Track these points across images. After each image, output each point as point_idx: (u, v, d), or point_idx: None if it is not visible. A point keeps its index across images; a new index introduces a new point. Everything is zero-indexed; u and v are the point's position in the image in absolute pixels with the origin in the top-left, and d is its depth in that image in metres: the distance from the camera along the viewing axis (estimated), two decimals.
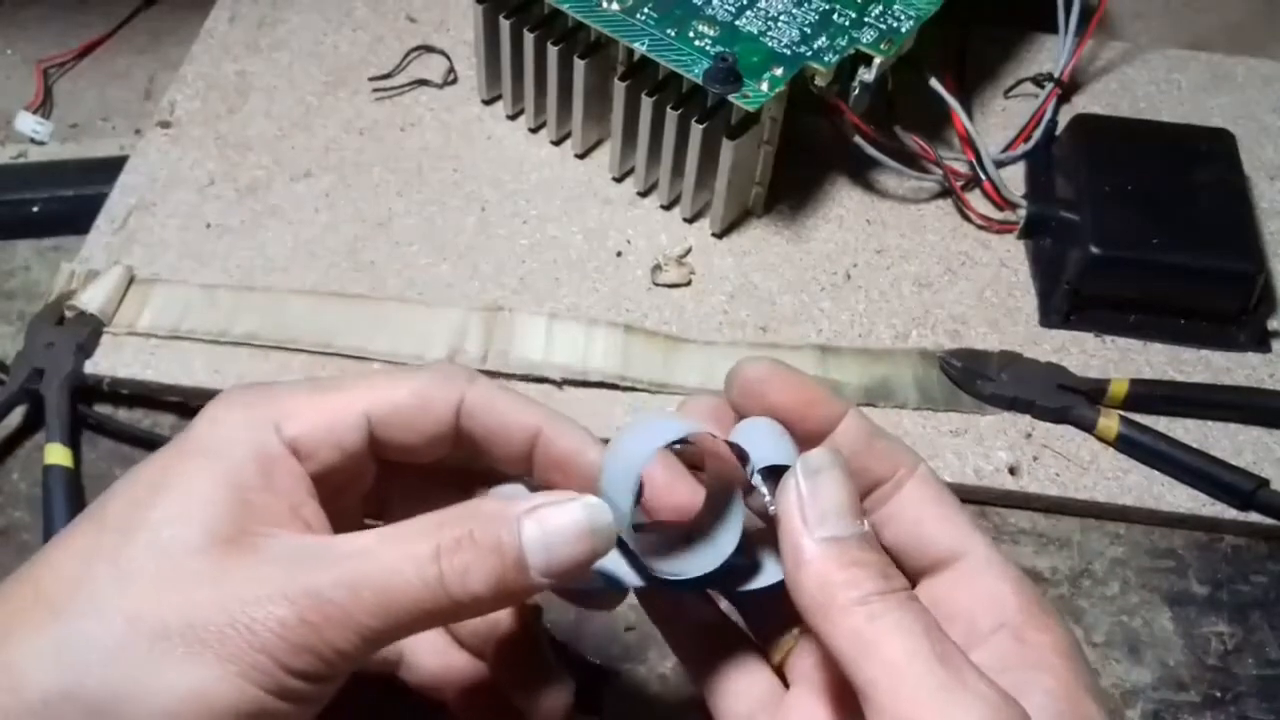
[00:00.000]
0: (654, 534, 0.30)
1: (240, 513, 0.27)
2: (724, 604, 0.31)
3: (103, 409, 0.47)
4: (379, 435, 0.29)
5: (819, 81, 0.48)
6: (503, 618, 0.32)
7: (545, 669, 0.32)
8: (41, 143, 0.57)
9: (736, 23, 0.49)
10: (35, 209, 0.54)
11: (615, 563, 0.29)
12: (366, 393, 0.29)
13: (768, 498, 0.27)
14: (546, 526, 0.26)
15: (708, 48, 0.48)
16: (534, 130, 0.56)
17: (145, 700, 0.25)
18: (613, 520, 0.27)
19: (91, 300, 0.48)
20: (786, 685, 0.30)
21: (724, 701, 0.30)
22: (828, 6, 0.50)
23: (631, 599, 0.30)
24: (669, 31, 0.49)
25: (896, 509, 0.29)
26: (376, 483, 0.31)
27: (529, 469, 0.31)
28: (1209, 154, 0.52)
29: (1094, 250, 0.48)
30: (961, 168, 0.54)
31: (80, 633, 0.25)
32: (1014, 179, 0.54)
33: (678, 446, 0.29)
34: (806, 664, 0.29)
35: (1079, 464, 0.46)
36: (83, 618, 0.25)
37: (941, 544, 0.29)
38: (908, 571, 0.28)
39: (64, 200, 0.54)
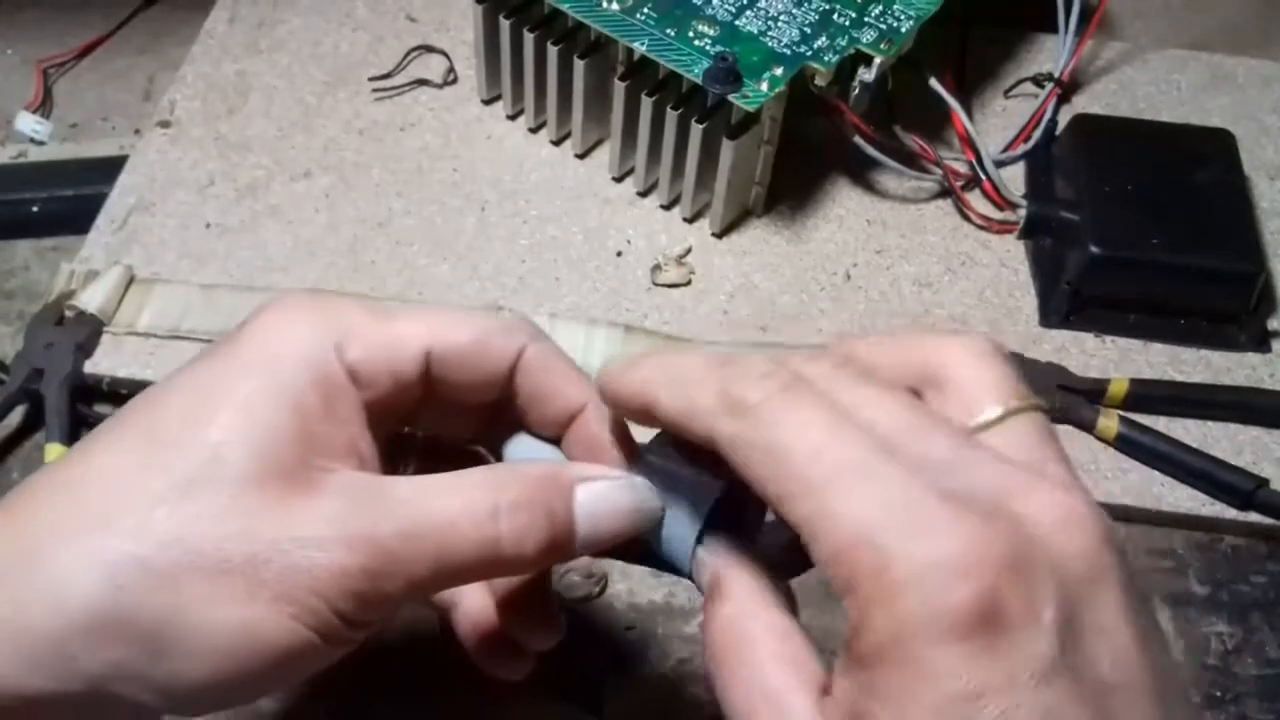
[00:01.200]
0: None
1: (303, 443, 0.26)
2: None
3: (103, 409, 0.47)
4: (434, 370, 0.28)
5: (819, 81, 0.48)
6: None
7: (548, 613, 0.32)
8: (41, 143, 0.57)
9: (736, 23, 0.49)
10: (35, 209, 0.54)
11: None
12: (429, 327, 0.28)
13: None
14: (597, 499, 0.27)
15: (708, 48, 0.48)
16: (534, 130, 0.56)
17: (197, 633, 0.24)
18: (657, 505, 0.27)
19: (91, 300, 0.48)
20: None
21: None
22: (828, 6, 0.50)
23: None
24: (669, 31, 0.49)
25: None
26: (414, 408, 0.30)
27: (557, 436, 0.30)
28: (1209, 154, 0.52)
29: (1094, 250, 0.48)
30: (961, 168, 0.54)
31: (135, 555, 0.24)
32: (1014, 179, 0.54)
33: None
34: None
35: (1079, 464, 0.45)
36: (138, 538, 0.24)
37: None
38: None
39: (64, 200, 0.54)
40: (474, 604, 0.32)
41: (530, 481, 0.27)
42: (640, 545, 0.28)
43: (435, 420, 0.31)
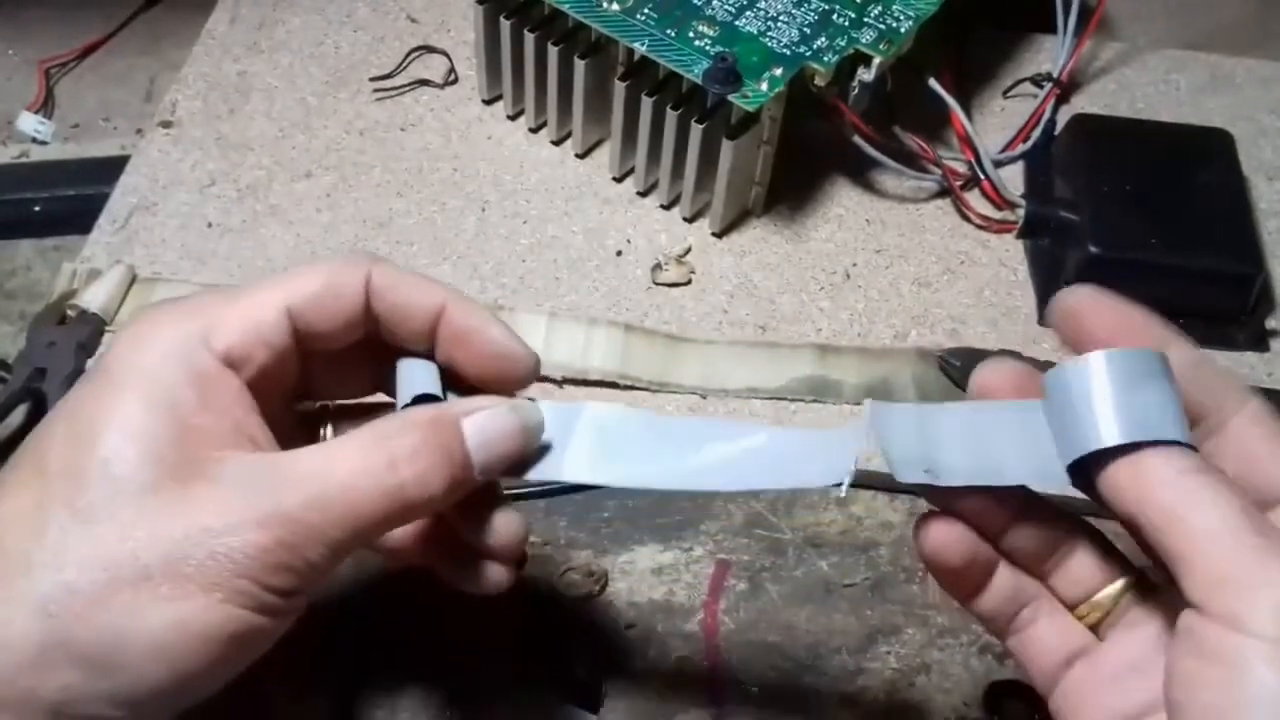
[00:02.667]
0: None
1: (185, 439, 0.27)
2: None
3: None
4: (299, 326, 0.30)
5: (819, 82, 0.48)
6: None
7: (492, 499, 0.32)
8: (43, 143, 0.57)
9: (736, 23, 0.49)
10: (37, 208, 0.54)
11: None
12: (282, 287, 0.30)
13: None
14: (484, 429, 0.29)
15: (707, 48, 0.48)
16: (534, 130, 0.56)
17: (138, 640, 0.25)
18: (541, 420, 0.30)
19: (93, 299, 0.48)
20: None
21: (1035, 649, 0.30)
22: (827, 7, 0.50)
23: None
24: (669, 32, 0.49)
25: (1222, 445, 0.28)
26: (299, 373, 0.31)
27: (433, 345, 0.32)
28: (1207, 154, 0.52)
29: (1092, 250, 0.48)
30: (960, 168, 0.54)
31: (61, 584, 0.25)
32: (1013, 179, 0.55)
33: None
34: (1125, 618, 0.29)
35: None
36: (59, 569, 0.25)
37: (1266, 482, 0.27)
38: None
39: (65, 200, 0.54)
40: (428, 531, 0.33)
41: (420, 427, 0.28)
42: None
43: (331, 385, 0.33)
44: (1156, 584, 0.30)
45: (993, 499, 0.29)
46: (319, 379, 0.33)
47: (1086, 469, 0.27)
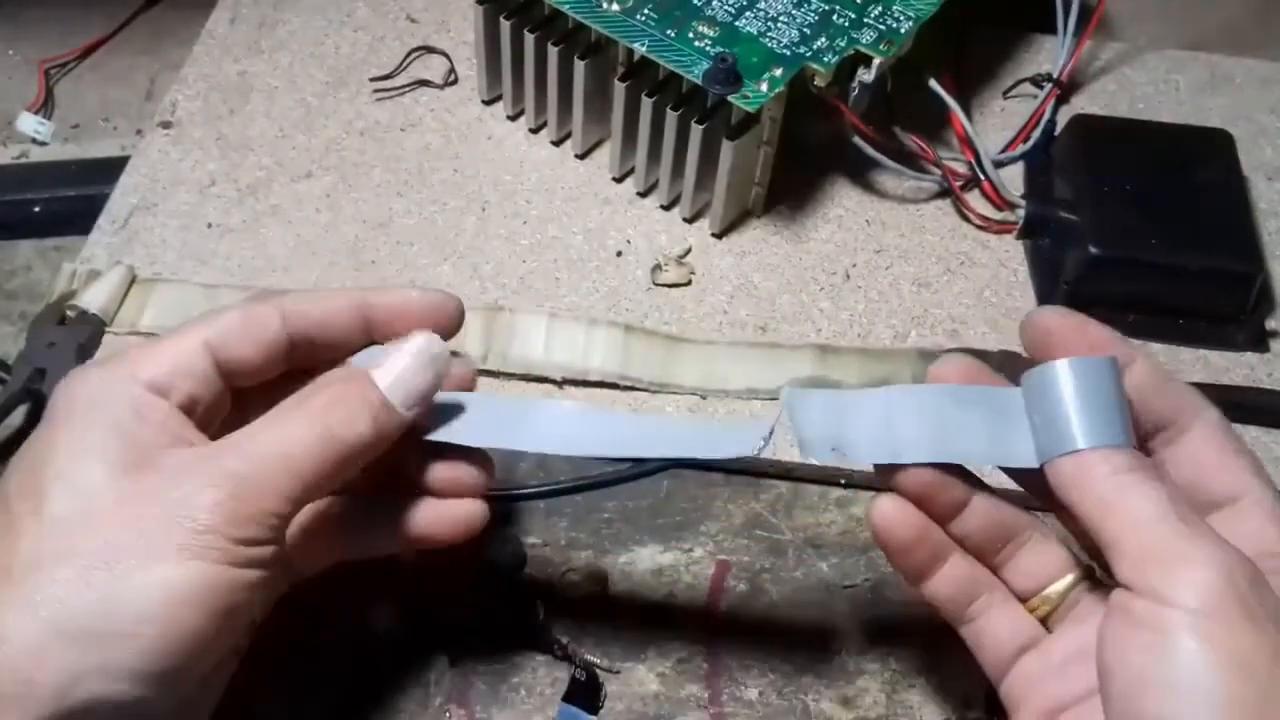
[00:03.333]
0: None
1: (132, 443, 0.30)
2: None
3: None
4: (221, 358, 0.32)
5: (819, 82, 0.48)
6: None
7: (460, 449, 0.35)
8: (43, 143, 0.57)
9: (736, 23, 0.49)
10: (37, 209, 0.54)
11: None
12: (200, 324, 0.33)
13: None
14: (391, 369, 0.32)
15: (707, 48, 0.48)
16: (534, 130, 0.56)
17: (124, 609, 0.27)
18: (443, 348, 0.33)
19: (93, 300, 0.48)
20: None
21: (987, 639, 0.33)
22: (827, 7, 0.50)
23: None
24: (669, 32, 0.49)
25: (1178, 452, 0.31)
26: (235, 414, 0.34)
27: (369, 340, 0.35)
28: (1207, 154, 0.52)
29: (1092, 250, 0.48)
30: (960, 168, 0.54)
31: (46, 581, 0.27)
32: (1013, 179, 0.55)
33: None
34: (1073, 612, 0.33)
35: None
36: (40, 570, 0.28)
37: (1216, 487, 0.31)
38: None
39: (65, 200, 0.54)
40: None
41: (331, 382, 0.32)
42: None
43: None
44: (1102, 580, 0.32)
45: (935, 480, 0.32)
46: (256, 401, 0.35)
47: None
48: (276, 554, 0.30)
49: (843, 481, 0.46)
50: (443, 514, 0.35)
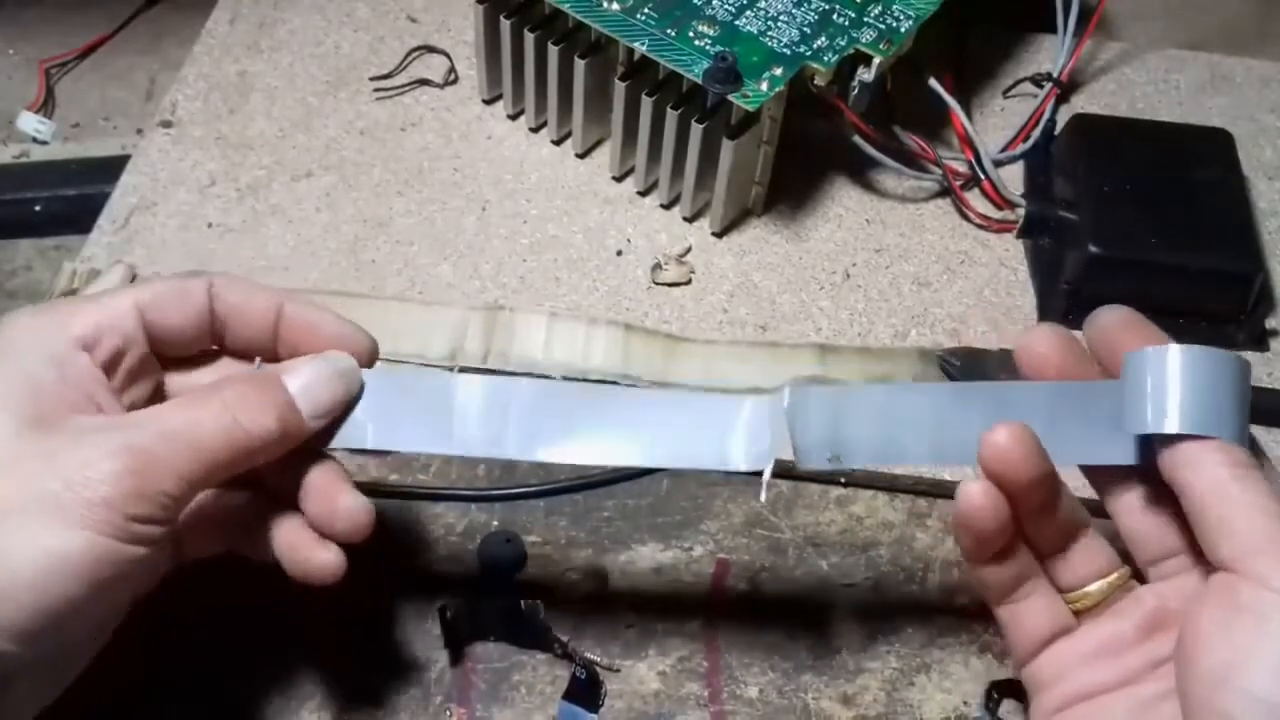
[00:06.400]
0: None
1: (41, 401, 0.31)
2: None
3: None
4: (149, 319, 0.34)
5: (819, 81, 0.48)
6: None
7: (342, 485, 0.35)
8: (43, 142, 0.57)
9: (736, 22, 0.49)
10: (37, 208, 0.54)
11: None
12: (134, 289, 0.34)
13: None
14: (302, 376, 0.34)
15: (707, 47, 0.48)
16: (534, 130, 0.56)
17: (12, 570, 0.28)
18: (354, 366, 0.35)
19: None
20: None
21: (1023, 621, 0.34)
22: (827, 6, 0.50)
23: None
24: (669, 31, 0.49)
25: None
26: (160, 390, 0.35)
27: (276, 343, 0.36)
28: (1207, 154, 0.52)
29: (1092, 250, 0.48)
30: (960, 167, 0.54)
31: None
32: (1013, 179, 0.55)
33: None
34: (1109, 608, 0.33)
35: None
36: None
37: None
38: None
39: (66, 200, 0.54)
40: (281, 520, 0.35)
41: (245, 380, 0.33)
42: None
43: None
44: (1141, 581, 0.34)
45: (1041, 475, 0.32)
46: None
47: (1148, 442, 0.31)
48: (166, 534, 0.30)
49: (843, 481, 0.46)
50: (300, 554, 0.34)
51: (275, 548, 0.35)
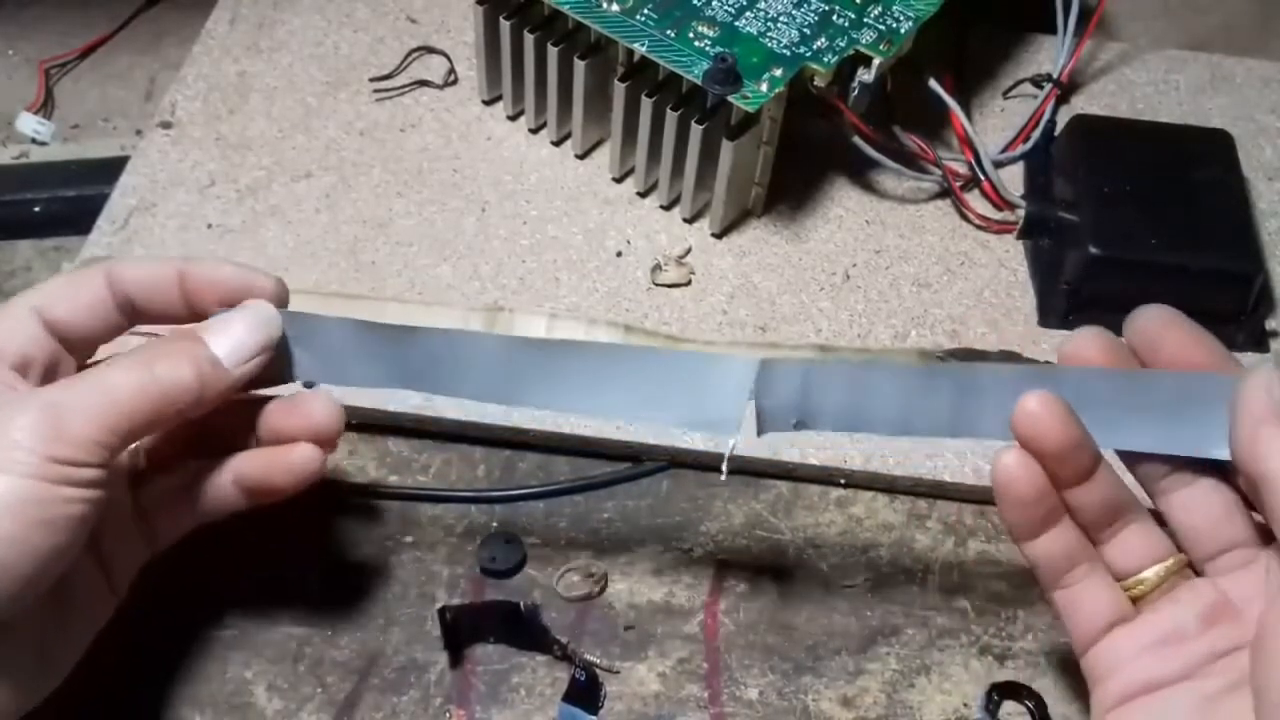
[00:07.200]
0: None
1: None
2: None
3: None
4: (49, 318, 0.35)
5: (818, 82, 0.48)
6: None
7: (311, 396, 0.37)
8: (43, 143, 0.57)
9: (736, 23, 0.49)
10: (36, 209, 0.54)
11: None
12: (28, 294, 0.35)
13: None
14: (219, 327, 0.35)
15: (707, 48, 0.48)
16: (534, 131, 0.56)
17: None
18: (267, 307, 0.36)
19: None
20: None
21: (1081, 607, 0.34)
22: (827, 7, 0.50)
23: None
24: (669, 32, 0.49)
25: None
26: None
27: (188, 309, 0.37)
28: (1207, 155, 0.52)
29: (1092, 250, 0.48)
30: (960, 168, 0.54)
31: None
32: (1013, 179, 0.55)
33: None
34: (1167, 596, 0.34)
35: None
36: None
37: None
38: None
39: (65, 200, 0.54)
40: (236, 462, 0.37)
41: (162, 340, 0.34)
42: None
43: None
44: (1199, 571, 0.34)
45: (1071, 439, 0.33)
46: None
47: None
48: (99, 477, 0.32)
49: (843, 481, 0.46)
50: (275, 461, 0.36)
51: (247, 479, 0.37)
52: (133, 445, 0.35)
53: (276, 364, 0.36)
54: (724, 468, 0.37)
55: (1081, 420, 0.33)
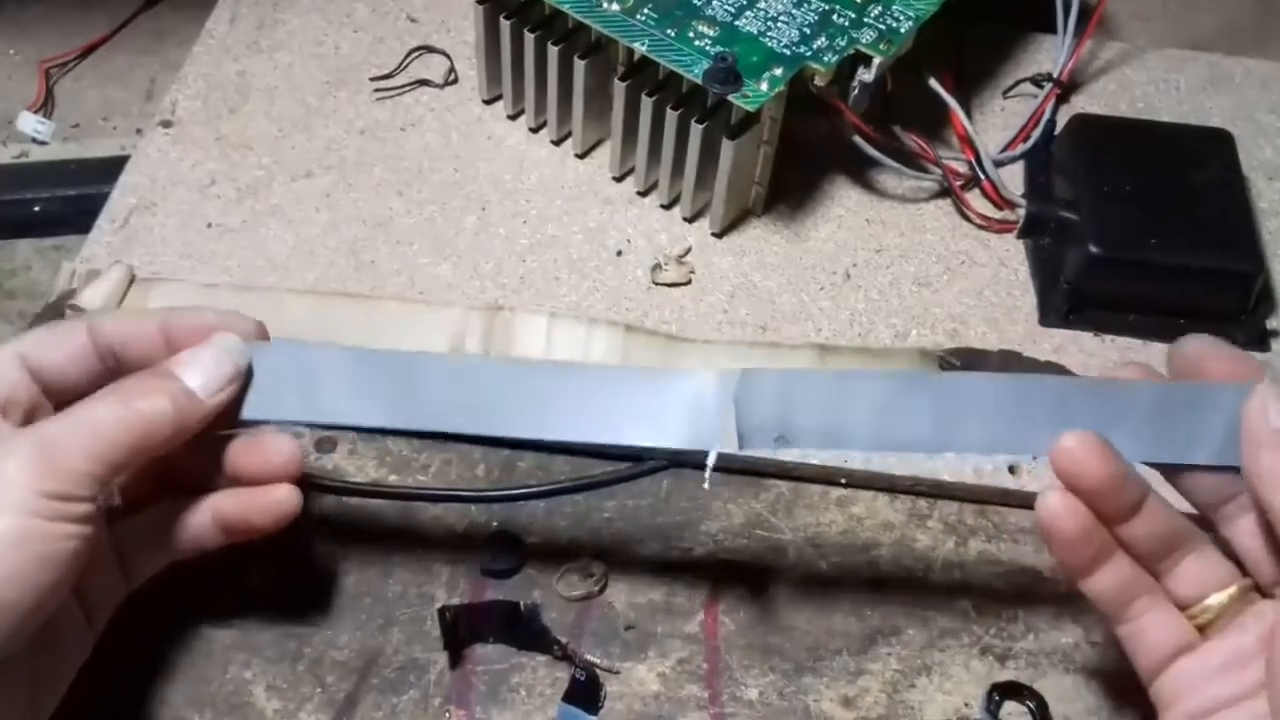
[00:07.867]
0: None
1: None
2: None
3: None
4: (33, 365, 0.35)
5: (818, 82, 0.48)
6: None
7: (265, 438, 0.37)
8: (43, 142, 0.57)
9: (736, 23, 0.49)
10: (36, 209, 0.54)
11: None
12: (14, 342, 0.36)
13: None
14: (189, 360, 0.35)
15: (707, 48, 0.48)
16: (534, 130, 0.56)
17: None
18: (238, 341, 0.36)
19: (92, 300, 0.48)
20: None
21: (1145, 639, 0.34)
22: (827, 7, 0.50)
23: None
24: (669, 31, 0.49)
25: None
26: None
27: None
28: (1207, 154, 0.52)
29: (1093, 250, 0.48)
30: (961, 167, 0.54)
31: None
32: (1013, 179, 0.55)
33: None
34: (1235, 621, 0.34)
35: None
36: None
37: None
38: None
39: (65, 200, 0.54)
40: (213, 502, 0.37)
41: (138, 375, 0.35)
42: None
43: None
44: (1264, 594, 0.34)
45: (1110, 479, 0.33)
46: None
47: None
48: (90, 512, 0.32)
49: (843, 481, 0.46)
50: (254, 501, 0.37)
51: (226, 519, 0.37)
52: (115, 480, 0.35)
53: (239, 401, 0.37)
54: (707, 477, 0.36)
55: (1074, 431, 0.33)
